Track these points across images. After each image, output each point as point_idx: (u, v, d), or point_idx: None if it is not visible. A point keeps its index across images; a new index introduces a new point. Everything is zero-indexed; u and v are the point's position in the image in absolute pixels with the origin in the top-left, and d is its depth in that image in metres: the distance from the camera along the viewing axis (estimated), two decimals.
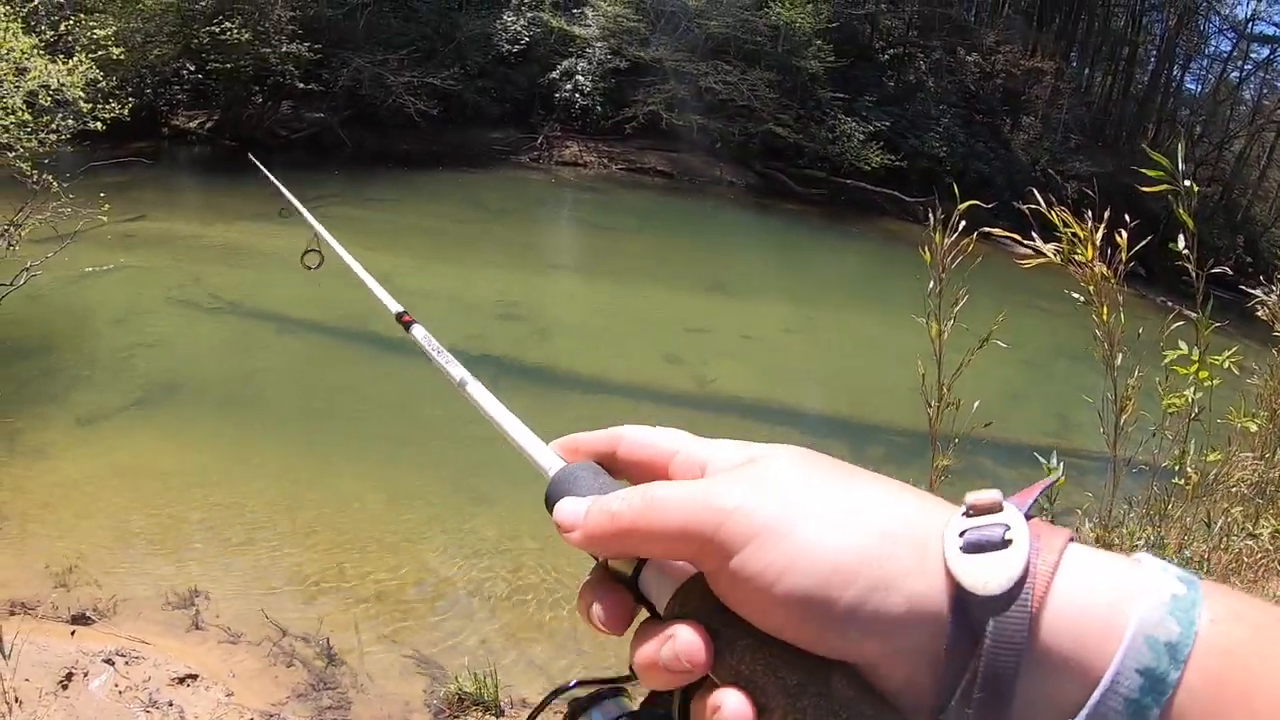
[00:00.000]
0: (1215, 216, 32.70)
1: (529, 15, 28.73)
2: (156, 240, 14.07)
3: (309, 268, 1.98)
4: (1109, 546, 3.41)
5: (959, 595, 0.46)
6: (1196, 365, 3.17)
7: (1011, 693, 0.44)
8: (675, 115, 28.48)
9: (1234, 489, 4.08)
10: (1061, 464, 3.09)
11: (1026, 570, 0.45)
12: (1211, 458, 3.61)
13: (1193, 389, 3.25)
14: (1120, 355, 3.14)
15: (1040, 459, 3.15)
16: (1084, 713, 0.42)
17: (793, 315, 14.27)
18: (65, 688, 4.37)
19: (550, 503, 0.60)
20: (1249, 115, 38.71)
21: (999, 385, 10.87)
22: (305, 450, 8.03)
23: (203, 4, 22.55)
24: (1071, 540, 0.47)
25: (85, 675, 4.49)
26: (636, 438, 0.64)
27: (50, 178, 8.51)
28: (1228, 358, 3.19)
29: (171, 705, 4.40)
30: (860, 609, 0.46)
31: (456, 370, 0.88)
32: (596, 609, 0.57)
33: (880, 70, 32.70)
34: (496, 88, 28.90)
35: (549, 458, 0.64)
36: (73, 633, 5.05)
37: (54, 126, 9.60)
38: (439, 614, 5.73)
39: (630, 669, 0.56)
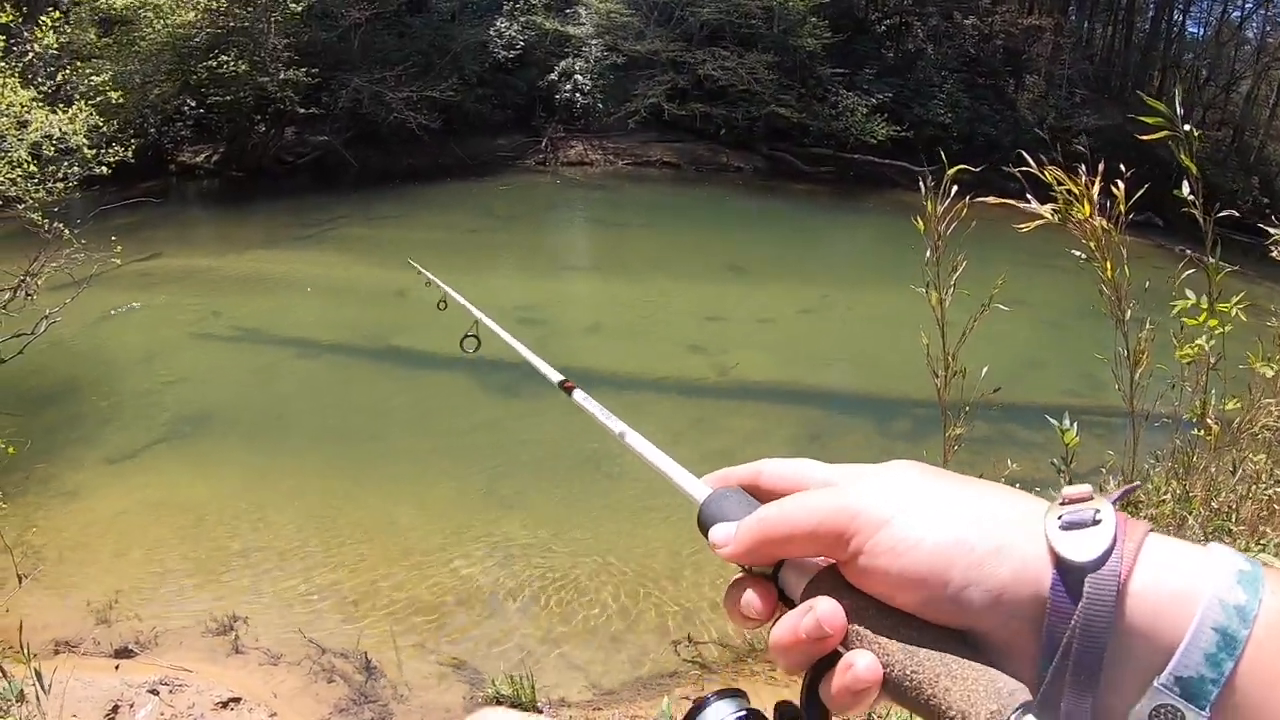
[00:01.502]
0: (1228, 160, 32.28)
1: (522, 20, 28.69)
2: (173, 277, 14.15)
3: (467, 352, 2.19)
4: (1133, 504, 3.38)
5: (1060, 563, 0.53)
6: (1206, 314, 3.14)
7: (1104, 645, 0.51)
8: (677, 106, 28.44)
9: (1259, 436, 4.02)
10: (1075, 424, 3.07)
11: (1115, 541, 0.53)
12: (1230, 406, 3.57)
13: (1205, 338, 3.21)
14: (1130, 309, 3.11)
15: (1052, 420, 3.12)
16: (1171, 663, 0.49)
17: (809, 295, 14.23)
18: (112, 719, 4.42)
19: (703, 524, 0.69)
20: (1254, 55, 38.18)
21: (1021, 348, 10.82)
22: (332, 470, 8.08)
23: (197, 39, 22.60)
24: (1151, 530, 0.55)
25: (131, 706, 4.54)
26: (775, 470, 0.70)
27: (61, 226, 8.56)
28: (1236, 304, 3.15)
29: None
30: (972, 580, 0.55)
31: (616, 425, 1.00)
32: (748, 597, 0.64)
33: (878, 42, 32.52)
34: (496, 95, 28.91)
35: (703, 490, 0.71)
36: (116, 666, 5.12)
37: (60, 175, 9.68)
38: (474, 620, 5.76)
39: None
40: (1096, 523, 0.54)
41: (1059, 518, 0.55)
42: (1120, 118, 27.81)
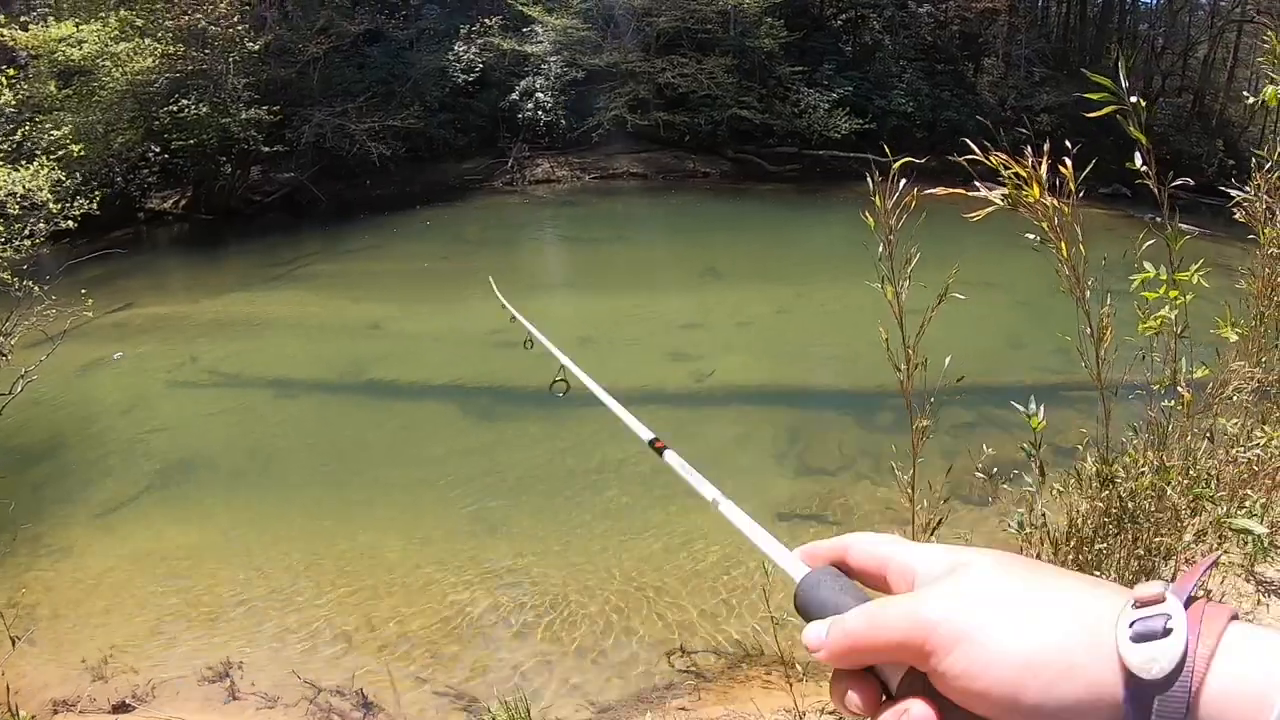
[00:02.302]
0: (1190, 125, 32.58)
1: (479, 42, 28.75)
2: (147, 326, 14.09)
3: (557, 395, 2.38)
4: (1110, 481, 3.39)
5: (1129, 679, 0.54)
6: (1166, 285, 3.15)
7: None
8: (639, 116, 28.52)
9: (1232, 399, 4.04)
10: (1041, 407, 3.08)
11: (1185, 655, 0.53)
12: (1200, 374, 3.58)
13: (1167, 308, 3.22)
14: (1090, 285, 3.12)
15: (1018, 406, 3.13)
16: None
17: (784, 295, 14.26)
18: None
19: (799, 609, 0.73)
20: (1208, 19, 38.52)
21: (1000, 332, 10.87)
22: (318, 508, 8.05)
23: (157, 85, 22.59)
24: (1235, 619, 0.55)
25: None
26: (861, 548, 0.74)
27: (31, 283, 8.54)
28: (1195, 271, 3.16)
29: None
30: (1047, 698, 0.56)
31: (709, 491, 1.05)
32: (851, 696, 0.67)
33: (835, 37, 32.69)
34: (459, 119, 28.98)
35: (795, 565, 0.76)
36: None
37: (27, 232, 9.64)
38: (467, 648, 5.74)
39: None
40: (1168, 632, 0.54)
41: (1130, 625, 0.56)
42: (1079, 93, 28.00)
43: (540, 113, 28.75)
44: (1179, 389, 3.41)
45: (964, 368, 3.13)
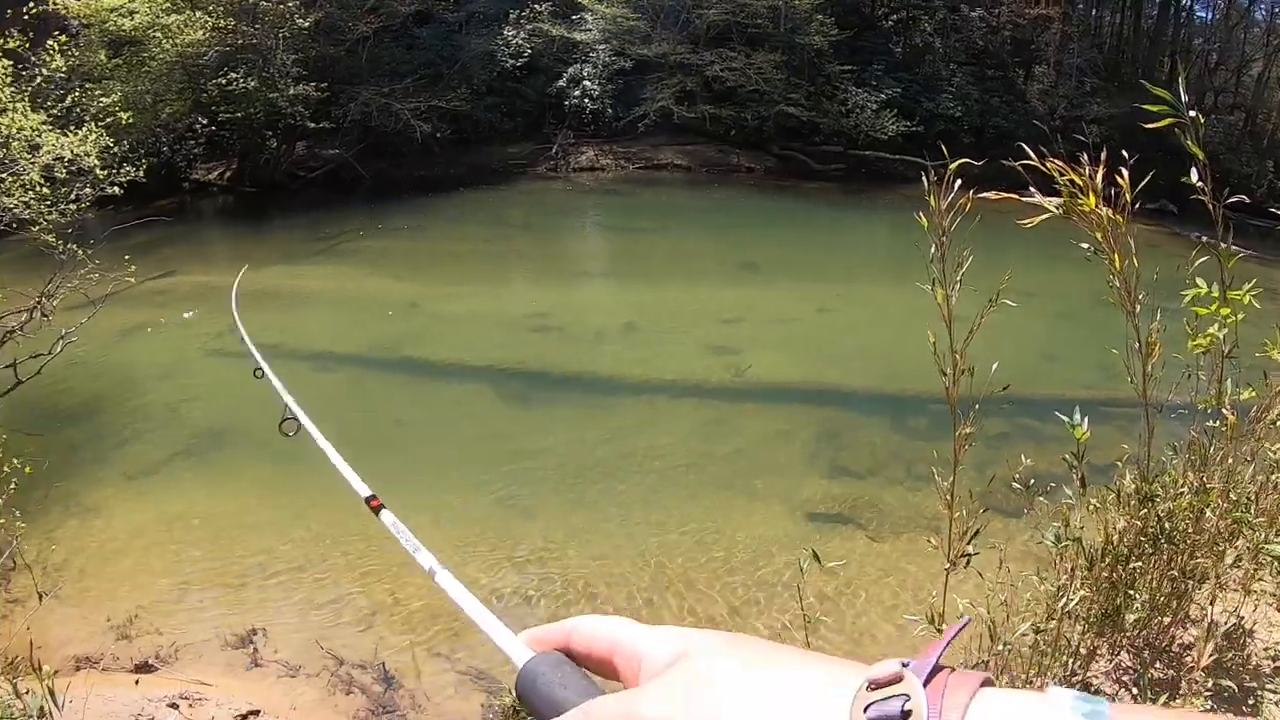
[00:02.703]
0: (1241, 144, 32.09)
1: (528, 28, 28.76)
2: (188, 294, 14.22)
3: (288, 435, 2.17)
4: (1150, 499, 3.35)
5: None
6: (1218, 303, 3.11)
7: None
8: (686, 108, 28.44)
9: (1277, 424, 3.98)
10: (1086, 419, 3.04)
11: None
12: (1246, 395, 3.53)
13: (1217, 326, 3.18)
14: (1141, 299, 3.07)
15: (1063, 416, 3.09)
16: None
17: (824, 294, 14.19)
18: None
19: (519, 697, 0.70)
20: (1264, 36, 37.93)
21: (1038, 342, 10.77)
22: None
23: (207, 58, 22.76)
24: (986, 684, 0.51)
25: None
26: (585, 632, 0.71)
27: (75, 247, 8.61)
28: (1248, 291, 3.12)
29: None
30: None
31: (425, 559, 1.01)
32: None
33: (886, 37, 32.44)
34: (505, 103, 29.03)
35: (518, 650, 0.73)
36: (136, 681, 5.14)
37: (73, 196, 9.73)
38: None
39: None
40: (906, 715, 0.50)
41: (865, 710, 0.52)
42: (1130, 106, 27.65)
43: (587, 100, 28.74)
44: (1223, 410, 3.36)
45: (999, 376, 3.09)
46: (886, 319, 13.13)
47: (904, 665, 0.53)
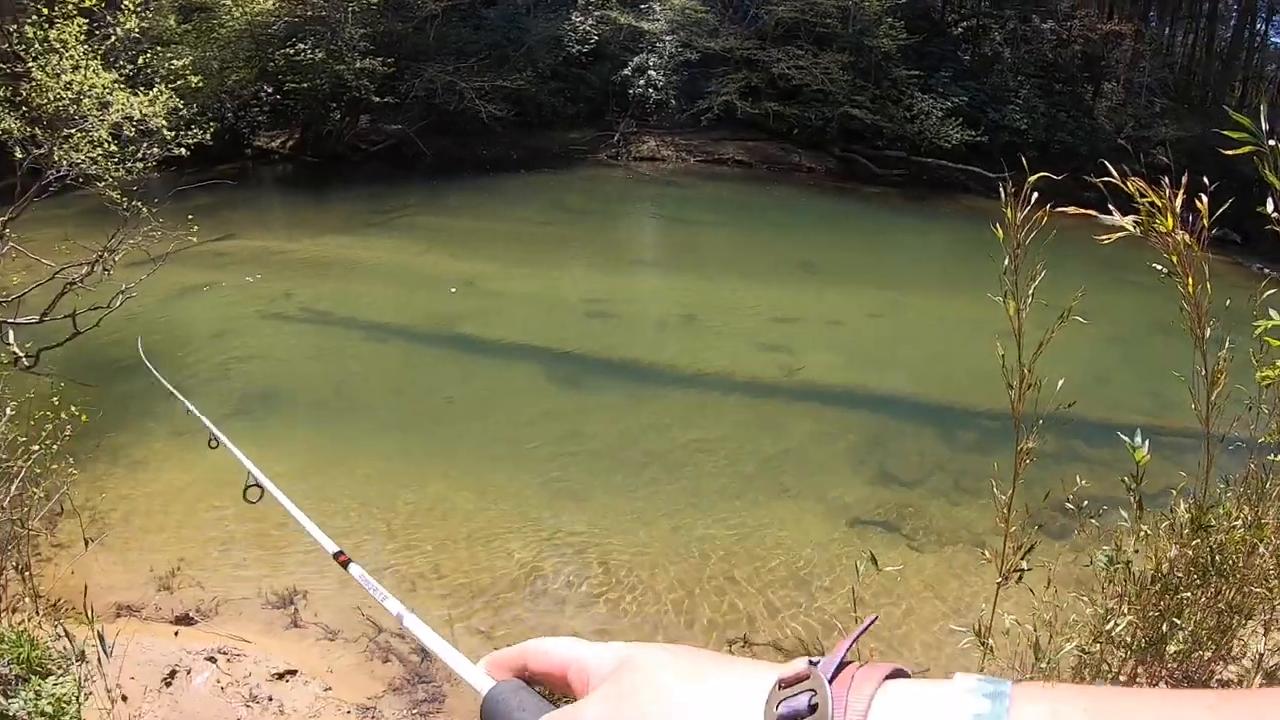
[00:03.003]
0: None
1: (596, 14, 28.80)
2: (246, 258, 14.41)
3: (251, 502, 2.27)
4: (1204, 528, 3.31)
5: None
6: None
7: None
8: (750, 104, 28.33)
9: None
10: (1147, 442, 3.01)
11: None
12: None
13: None
14: (1210, 327, 3.04)
15: (1124, 437, 3.06)
16: None
17: (879, 299, 14.12)
18: (169, 684, 4.51)
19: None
20: None
21: (1090, 364, 10.64)
22: (397, 453, 8.18)
23: (275, 28, 23.04)
24: (895, 676, 0.54)
25: (188, 673, 4.62)
26: (538, 653, 0.74)
27: (140, 204, 8.73)
28: None
29: (271, 700, 4.52)
30: None
31: (393, 605, 1.11)
32: None
33: (955, 44, 32.08)
34: (570, 88, 29.08)
35: (480, 678, 0.76)
36: (176, 633, 5.22)
37: (140, 155, 9.85)
38: (530, 609, 5.79)
39: None
40: (813, 708, 0.53)
41: (776, 707, 0.54)
42: (1199, 129, 27.21)
43: (651, 90, 28.72)
44: None
45: (1049, 395, 3.06)
46: (939, 329, 13.04)
47: (812, 663, 0.56)
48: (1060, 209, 2.77)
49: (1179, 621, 3.49)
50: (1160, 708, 0.47)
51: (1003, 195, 2.79)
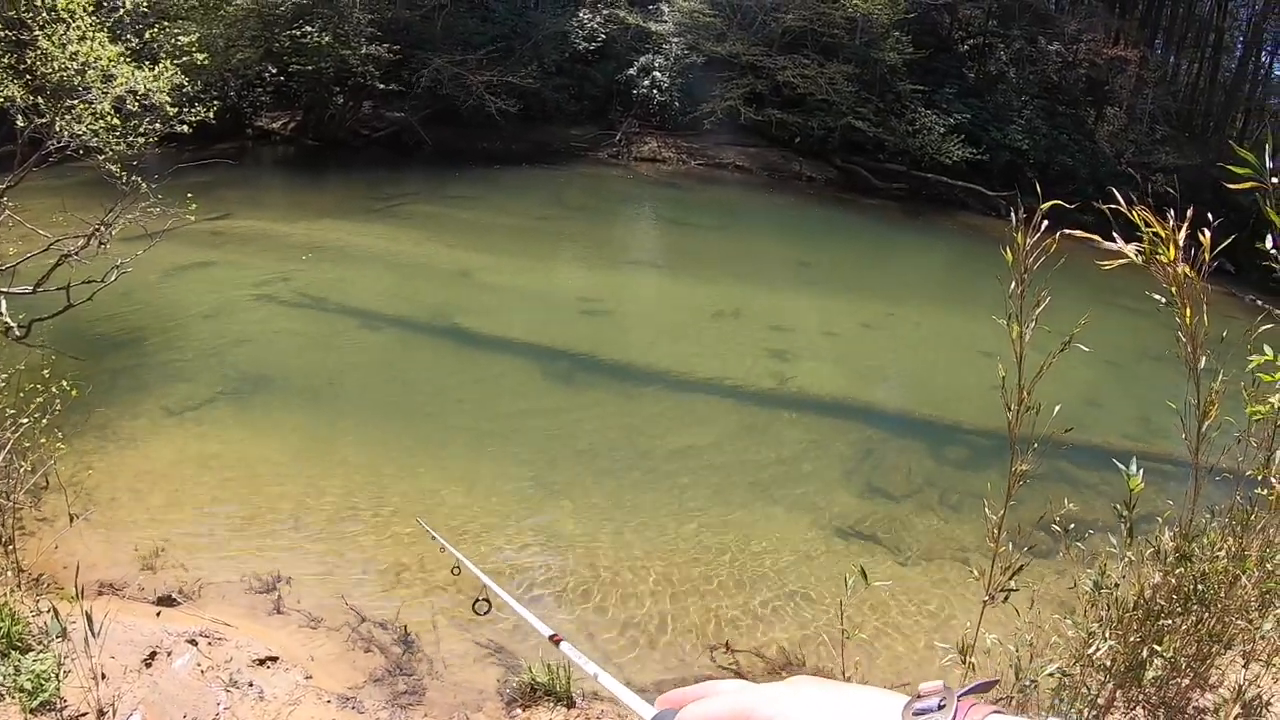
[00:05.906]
0: None
1: (605, 13, 28.83)
2: (243, 238, 14.38)
3: (479, 614, 2.89)
4: (1189, 557, 3.33)
5: None
6: None
7: None
8: (753, 110, 28.34)
9: None
10: (1141, 470, 3.03)
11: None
12: None
13: (1279, 396, 3.15)
14: (1204, 358, 3.06)
15: (1119, 465, 3.09)
16: None
17: (874, 311, 14.16)
18: (149, 665, 4.50)
19: None
20: None
21: (1080, 387, 10.67)
22: (386, 441, 8.17)
23: (283, 9, 23.00)
24: (996, 711, 0.68)
25: (169, 654, 4.61)
26: (710, 693, 0.83)
27: (139, 179, 8.70)
28: None
29: (251, 685, 4.52)
30: None
31: (590, 668, 1.29)
32: None
33: (960, 61, 32.14)
34: (574, 85, 29.06)
35: (647, 710, 0.90)
36: (158, 613, 5.21)
37: (141, 130, 9.82)
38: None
39: None
40: (941, 707, 0.67)
41: (914, 712, 0.68)
42: (1199, 158, 27.32)
43: (655, 91, 28.73)
44: (1272, 479, 3.33)
45: (1057, 420, 3.08)
46: (932, 344, 13.09)
47: (946, 688, 0.70)
48: (1067, 232, 2.79)
49: (1159, 648, 3.51)
50: None
51: (1012, 218, 2.82)
